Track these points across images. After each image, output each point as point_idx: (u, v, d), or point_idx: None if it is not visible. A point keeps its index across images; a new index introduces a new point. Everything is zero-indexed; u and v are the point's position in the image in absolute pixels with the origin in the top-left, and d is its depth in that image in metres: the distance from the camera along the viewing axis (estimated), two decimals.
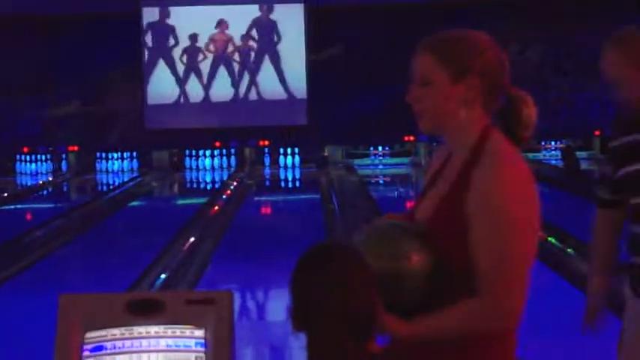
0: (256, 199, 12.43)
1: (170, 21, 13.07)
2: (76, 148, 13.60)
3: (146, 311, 1.82)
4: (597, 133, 14.63)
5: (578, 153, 13.90)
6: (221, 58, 13.19)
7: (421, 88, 1.51)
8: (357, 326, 1.40)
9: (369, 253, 1.57)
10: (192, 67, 13.17)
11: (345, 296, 1.40)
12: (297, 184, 14.36)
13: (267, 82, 13.25)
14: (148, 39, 12.96)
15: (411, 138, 13.75)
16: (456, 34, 1.60)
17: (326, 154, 14.36)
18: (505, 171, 1.54)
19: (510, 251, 1.48)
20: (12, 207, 10.41)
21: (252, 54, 13.23)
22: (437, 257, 1.49)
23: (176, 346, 1.81)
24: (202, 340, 1.80)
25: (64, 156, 13.70)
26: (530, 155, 13.87)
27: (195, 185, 14.41)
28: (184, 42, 13.13)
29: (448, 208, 1.51)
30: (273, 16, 13.30)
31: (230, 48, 13.26)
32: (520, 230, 1.51)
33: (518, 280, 1.51)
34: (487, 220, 1.46)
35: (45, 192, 12.58)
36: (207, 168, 14.68)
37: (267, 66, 13.34)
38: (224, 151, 14.45)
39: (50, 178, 13.25)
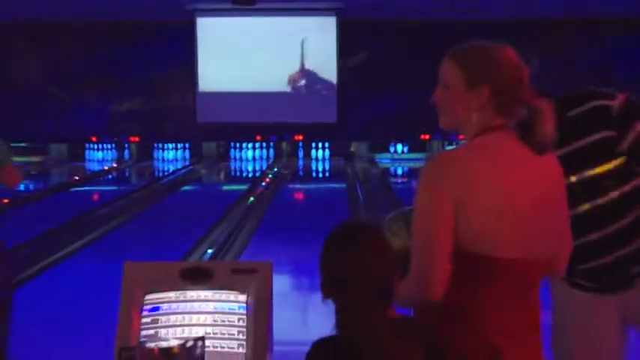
0: (290, 186, 12.11)
1: (219, 30, 12.92)
2: (136, 138, 13.72)
3: (197, 278, 1.94)
4: None
5: None
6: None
7: (443, 90, 1.53)
8: (378, 293, 1.38)
9: (392, 232, 1.63)
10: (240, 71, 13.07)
11: (367, 267, 1.39)
12: (327, 174, 14.07)
13: (303, 84, 13.24)
14: (201, 45, 12.82)
15: (427, 136, 13.42)
16: (478, 46, 1.57)
17: (352, 149, 14.17)
18: (429, 160, 1.64)
19: (415, 229, 1.48)
20: (82, 189, 10.62)
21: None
22: None
23: (222, 308, 1.91)
24: (244, 304, 1.91)
25: (126, 145, 13.87)
26: None
27: (238, 173, 14.23)
28: (232, 50, 12.93)
29: None
30: (308, 26, 13.04)
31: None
32: (419, 211, 1.49)
33: (426, 255, 1.47)
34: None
35: (109, 176, 12.74)
36: (249, 159, 14.56)
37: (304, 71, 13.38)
38: (264, 144, 14.30)
39: (114, 165, 13.45)
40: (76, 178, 11.31)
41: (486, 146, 1.49)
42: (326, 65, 13.18)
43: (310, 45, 13.06)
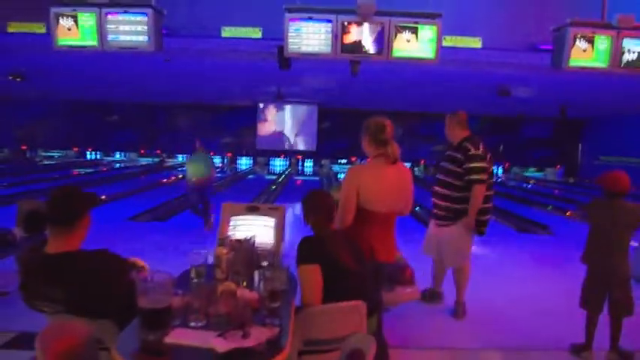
0: (295, 178, 19.15)
1: (269, 111, 21.59)
2: (229, 154, 22.24)
3: (253, 210, 3.76)
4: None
5: None
6: None
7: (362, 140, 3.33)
8: (329, 218, 2.96)
9: (333, 193, 3.41)
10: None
11: (324, 205, 2.95)
12: (310, 173, 21.75)
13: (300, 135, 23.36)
14: (261, 118, 21.60)
15: (354, 158, 21.91)
16: (367, 120, 3.35)
17: (322, 162, 22.43)
18: (349, 169, 3.30)
19: (341, 195, 3.12)
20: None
21: None
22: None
23: (263, 224, 3.69)
24: (274, 222, 3.67)
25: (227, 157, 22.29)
26: None
27: (273, 170, 21.61)
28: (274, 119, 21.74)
29: None
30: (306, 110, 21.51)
31: None
32: (343, 189, 3.12)
33: (344, 207, 3.13)
34: None
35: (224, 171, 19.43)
36: (278, 165, 22.59)
37: None
38: (284, 158, 22.42)
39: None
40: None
41: (372, 164, 3.15)
42: (310, 125, 22.04)
43: (306, 117, 21.97)
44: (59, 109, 22.69)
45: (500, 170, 23.51)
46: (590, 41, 6.37)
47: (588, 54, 6.43)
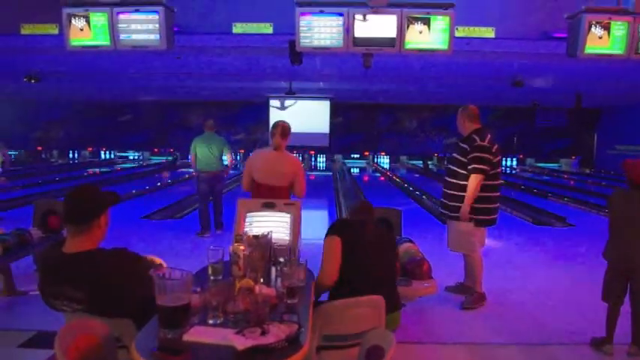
0: (308, 173, 17.58)
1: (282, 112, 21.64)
2: (242, 150, 21.56)
3: (269, 206, 3.78)
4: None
5: None
6: None
7: None
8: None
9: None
10: None
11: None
12: (323, 168, 21.78)
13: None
14: (270, 118, 21.33)
15: (366, 153, 22.52)
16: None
17: (334, 157, 22.73)
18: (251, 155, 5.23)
19: (243, 174, 4.88)
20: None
21: None
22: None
23: (280, 220, 3.69)
24: (289, 218, 3.69)
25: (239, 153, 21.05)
26: None
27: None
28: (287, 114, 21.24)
29: None
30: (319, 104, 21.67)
31: None
32: (244, 169, 4.99)
33: (244, 178, 4.87)
34: None
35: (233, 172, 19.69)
36: None
37: None
38: (298, 153, 20.83)
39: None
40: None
41: (263, 151, 4.98)
42: (324, 121, 22.59)
43: (318, 113, 22.17)
44: (73, 110, 22.96)
45: (515, 162, 23.28)
46: (606, 28, 6.21)
47: (604, 41, 6.29)
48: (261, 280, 2.79)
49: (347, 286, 3.03)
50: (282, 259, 2.96)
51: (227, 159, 7.88)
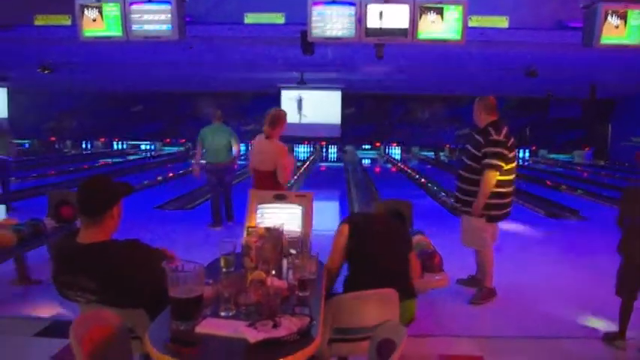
0: (319, 164, 19.47)
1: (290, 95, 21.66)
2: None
3: (280, 198, 3.77)
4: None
5: None
6: None
7: None
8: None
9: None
10: None
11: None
12: (334, 159, 22.12)
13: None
14: (283, 105, 20.88)
15: (378, 144, 22.66)
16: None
17: (346, 148, 22.91)
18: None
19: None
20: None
21: None
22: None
23: (291, 212, 3.68)
24: (301, 210, 3.63)
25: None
26: None
27: (297, 157, 20.61)
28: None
29: None
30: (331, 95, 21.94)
31: None
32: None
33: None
34: None
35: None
36: (302, 151, 22.85)
37: None
38: (309, 145, 22.71)
39: None
40: None
41: (258, 137, 5.27)
42: (334, 111, 22.54)
43: (329, 103, 22.27)
44: (85, 101, 23.08)
45: (527, 153, 23.12)
46: (623, 17, 6.12)
47: (620, 31, 6.21)
48: (273, 272, 2.79)
49: (358, 278, 3.04)
50: (293, 252, 2.96)
51: (234, 150, 7.76)
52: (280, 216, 3.59)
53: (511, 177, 4.79)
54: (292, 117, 21.22)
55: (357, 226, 3.11)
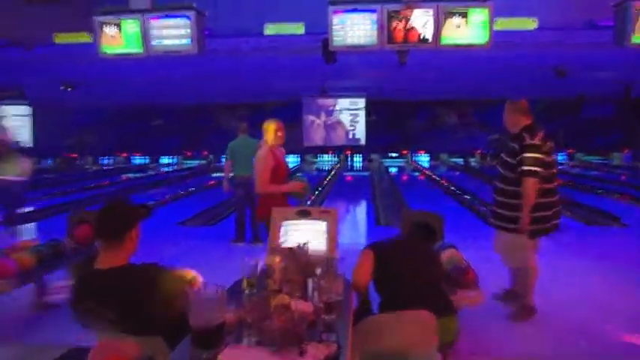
0: (344, 174, 19.56)
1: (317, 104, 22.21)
2: None
3: (304, 214, 3.61)
4: None
5: None
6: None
7: None
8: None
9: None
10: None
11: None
12: (360, 168, 21.94)
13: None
14: (305, 114, 22.21)
15: (405, 151, 23.32)
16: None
17: (372, 156, 22.72)
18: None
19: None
20: None
21: None
22: None
23: (316, 229, 3.48)
24: (326, 227, 3.46)
25: None
26: None
27: (321, 167, 21.82)
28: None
29: None
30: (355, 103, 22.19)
31: None
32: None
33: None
34: None
35: None
36: (326, 161, 23.17)
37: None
38: (333, 154, 22.89)
39: None
40: None
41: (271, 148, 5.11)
42: (358, 118, 22.62)
43: (353, 110, 22.42)
44: (105, 116, 23.49)
45: (563, 157, 22.69)
46: None
47: None
48: (298, 294, 2.73)
49: (390, 303, 2.96)
50: (318, 272, 2.88)
51: None
52: (304, 233, 3.51)
53: (552, 185, 4.56)
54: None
55: (382, 251, 3.05)
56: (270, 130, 5.22)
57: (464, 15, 6.23)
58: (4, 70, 11.52)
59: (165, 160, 24.93)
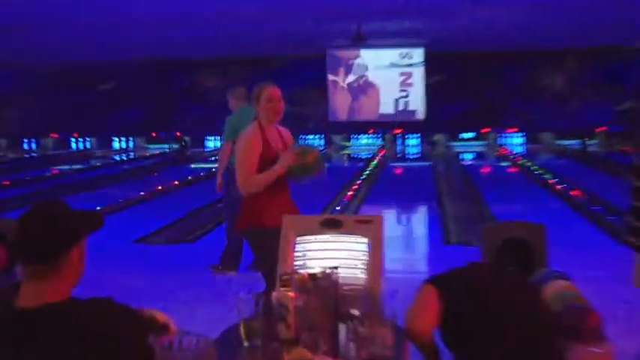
0: (392, 164, 19.58)
1: (343, 58, 21.72)
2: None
3: (332, 225, 3.55)
4: None
5: None
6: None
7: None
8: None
9: None
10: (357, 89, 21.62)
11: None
12: (418, 156, 21.97)
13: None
14: (330, 71, 21.67)
15: (486, 129, 22.04)
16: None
17: (435, 137, 22.53)
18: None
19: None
20: None
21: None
22: None
23: (350, 247, 3.51)
24: (366, 244, 3.43)
25: None
26: None
27: (356, 155, 22.12)
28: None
29: None
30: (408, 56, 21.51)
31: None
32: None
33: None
34: None
35: None
36: (364, 145, 22.84)
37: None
38: (375, 134, 22.72)
39: None
40: None
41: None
42: (413, 81, 22.10)
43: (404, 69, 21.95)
44: (30, 80, 23.62)
45: None
46: None
47: None
48: (324, 347, 2.75)
49: None
50: (356, 312, 2.89)
51: None
52: (333, 254, 3.49)
53: None
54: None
55: (453, 288, 2.98)
56: (259, 99, 5.07)
57: None
58: None
59: (117, 144, 25.06)
